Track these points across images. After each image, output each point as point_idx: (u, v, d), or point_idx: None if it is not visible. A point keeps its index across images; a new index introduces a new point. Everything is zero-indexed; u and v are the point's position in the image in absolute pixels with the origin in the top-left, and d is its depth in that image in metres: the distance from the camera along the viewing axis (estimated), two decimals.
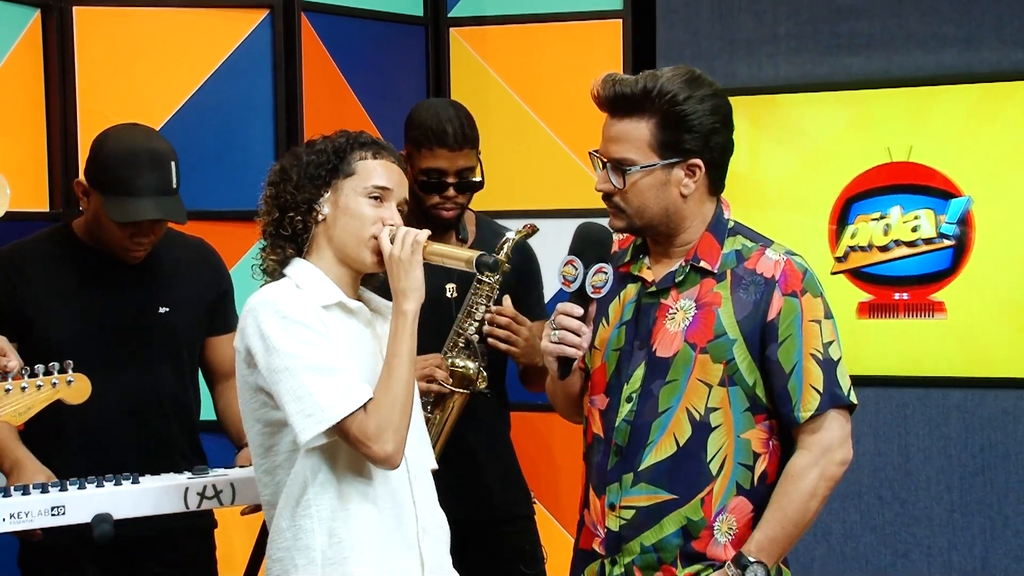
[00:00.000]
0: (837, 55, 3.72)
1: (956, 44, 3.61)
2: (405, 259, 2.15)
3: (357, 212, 2.18)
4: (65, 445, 2.64)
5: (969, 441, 3.64)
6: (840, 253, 3.68)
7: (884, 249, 3.65)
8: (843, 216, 3.69)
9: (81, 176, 2.69)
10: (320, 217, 2.19)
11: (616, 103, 2.24)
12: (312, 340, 2.09)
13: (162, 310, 2.73)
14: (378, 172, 2.20)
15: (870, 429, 3.60)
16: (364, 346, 2.20)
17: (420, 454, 2.26)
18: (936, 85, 3.61)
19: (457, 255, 2.23)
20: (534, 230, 2.97)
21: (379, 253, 2.18)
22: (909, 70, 3.65)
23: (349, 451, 2.13)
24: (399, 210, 2.22)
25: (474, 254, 2.20)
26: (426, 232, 2.19)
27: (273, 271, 2.21)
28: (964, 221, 3.59)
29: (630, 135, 2.23)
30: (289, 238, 2.19)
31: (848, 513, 3.69)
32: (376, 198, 2.19)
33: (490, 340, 2.83)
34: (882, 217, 3.66)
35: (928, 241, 3.62)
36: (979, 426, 3.63)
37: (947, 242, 3.60)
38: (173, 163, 2.64)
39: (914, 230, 3.64)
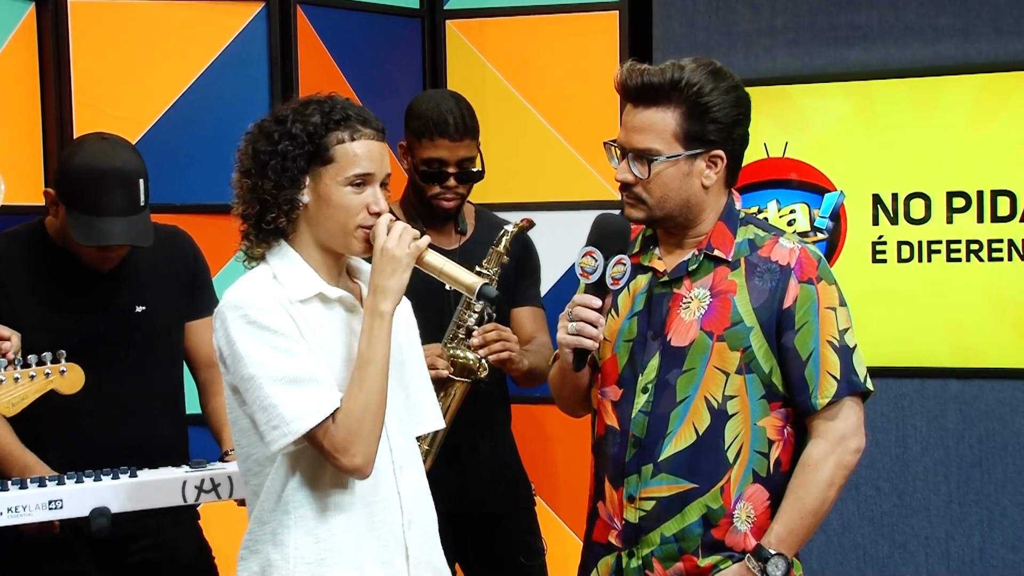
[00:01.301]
0: (834, 47, 3.71)
1: (954, 35, 3.61)
2: (399, 256, 2.06)
3: (340, 203, 2.07)
4: (50, 450, 2.59)
5: (967, 432, 3.64)
6: None
7: None
8: None
9: (51, 186, 2.64)
10: (300, 206, 2.08)
11: (642, 92, 2.24)
12: (280, 346, 2.01)
13: (139, 309, 2.69)
14: (358, 158, 2.07)
15: (867, 420, 3.58)
16: (342, 337, 2.11)
17: (407, 444, 2.19)
18: (934, 76, 3.61)
19: (459, 276, 2.14)
20: (531, 224, 2.98)
21: (367, 241, 2.08)
22: (906, 62, 3.65)
23: None
24: (383, 185, 2.12)
25: (479, 281, 2.13)
26: (427, 239, 2.12)
27: (260, 259, 2.11)
28: (836, 216, 3.69)
29: (656, 125, 2.23)
30: (272, 232, 2.08)
31: (846, 504, 3.69)
32: (359, 184, 2.07)
33: (492, 358, 2.83)
34: (760, 211, 3.71)
35: (803, 235, 3.66)
36: (976, 417, 3.63)
37: (820, 235, 3.69)
38: (141, 180, 2.59)
39: (790, 223, 3.71)
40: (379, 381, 2.04)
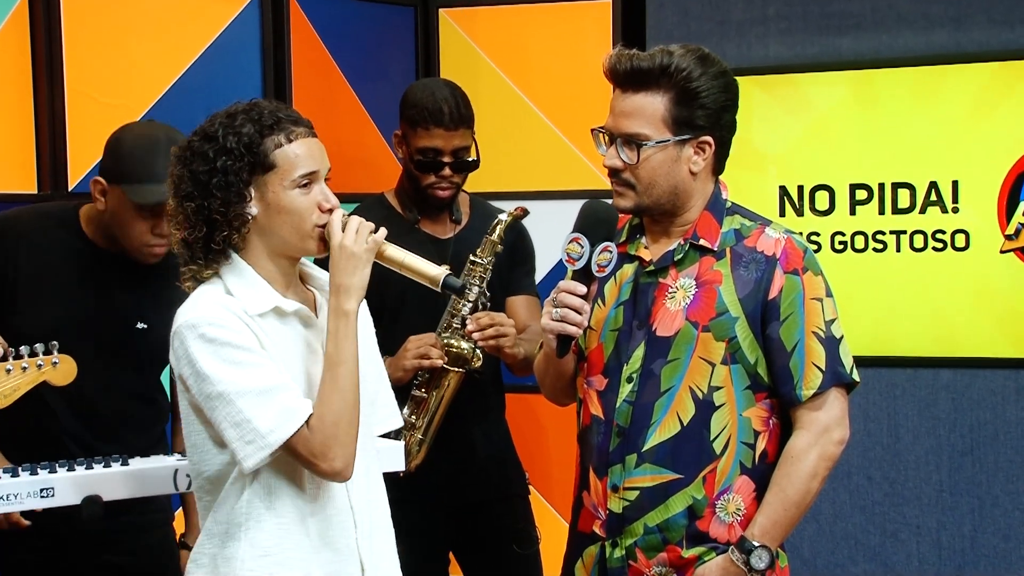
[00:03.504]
0: (827, 35, 3.71)
1: (946, 24, 3.61)
2: (359, 253, 2.01)
3: (291, 207, 2.01)
4: (19, 440, 2.57)
5: (958, 421, 3.65)
6: (1011, 231, 3.58)
7: None
8: (1013, 194, 3.55)
9: (98, 176, 2.63)
10: (250, 219, 2.02)
11: (632, 77, 2.24)
12: (243, 360, 1.96)
13: (140, 325, 2.68)
14: (300, 159, 2.02)
15: (859, 409, 3.60)
16: (299, 351, 2.07)
17: (360, 451, 2.09)
18: (927, 65, 3.61)
19: (421, 268, 2.10)
20: (525, 213, 2.98)
21: (323, 239, 2.04)
22: (899, 50, 3.65)
23: (287, 461, 2.01)
24: (326, 179, 2.07)
25: (442, 272, 2.09)
26: (383, 231, 2.06)
27: (210, 279, 2.05)
28: None
29: (645, 110, 2.23)
30: (221, 251, 2.03)
31: (837, 493, 3.70)
32: (306, 184, 2.02)
33: (484, 343, 2.83)
34: None
35: None
36: (968, 407, 3.64)
37: None
38: None
39: None
40: (351, 381, 2.00)
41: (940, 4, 3.61)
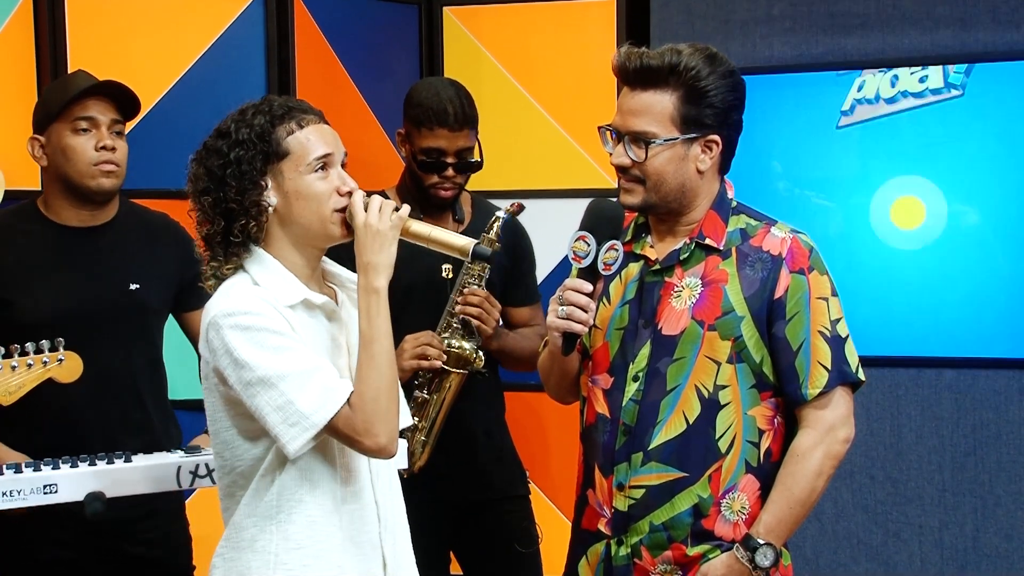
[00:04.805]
0: (832, 35, 3.71)
1: (951, 24, 3.61)
2: (384, 231, 2.02)
3: (309, 192, 2.03)
4: (38, 425, 2.60)
5: (961, 421, 3.65)
6: None
7: None
8: None
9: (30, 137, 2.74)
10: (269, 209, 2.03)
11: (640, 75, 2.24)
12: (280, 345, 1.97)
13: (132, 286, 2.71)
14: (313, 143, 2.04)
15: (862, 409, 3.58)
16: (325, 344, 2.08)
17: None
18: (931, 65, 3.61)
19: (448, 240, 2.10)
20: (521, 208, 2.96)
21: (345, 223, 2.05)
22: (903, 50, 3.65)
23: (320, 452, 2.04)
24: (343, 165, 2.09)
25: (471, 242, 2.08)
26: (407, 208, 2.06)
27: (234, 273, 2.05)
28: None
29: (653, 108, 2.23)
30: (242, 243, 2.04)
31: (840, 492, 3.71)
32: (322, 168, 2.04)
33: (463, 317, 2.83)
34: None
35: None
36: (971, 406, 3.64)
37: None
38: None
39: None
40: (387, 357, 2.01)
41: (945, 4, 3.61)
